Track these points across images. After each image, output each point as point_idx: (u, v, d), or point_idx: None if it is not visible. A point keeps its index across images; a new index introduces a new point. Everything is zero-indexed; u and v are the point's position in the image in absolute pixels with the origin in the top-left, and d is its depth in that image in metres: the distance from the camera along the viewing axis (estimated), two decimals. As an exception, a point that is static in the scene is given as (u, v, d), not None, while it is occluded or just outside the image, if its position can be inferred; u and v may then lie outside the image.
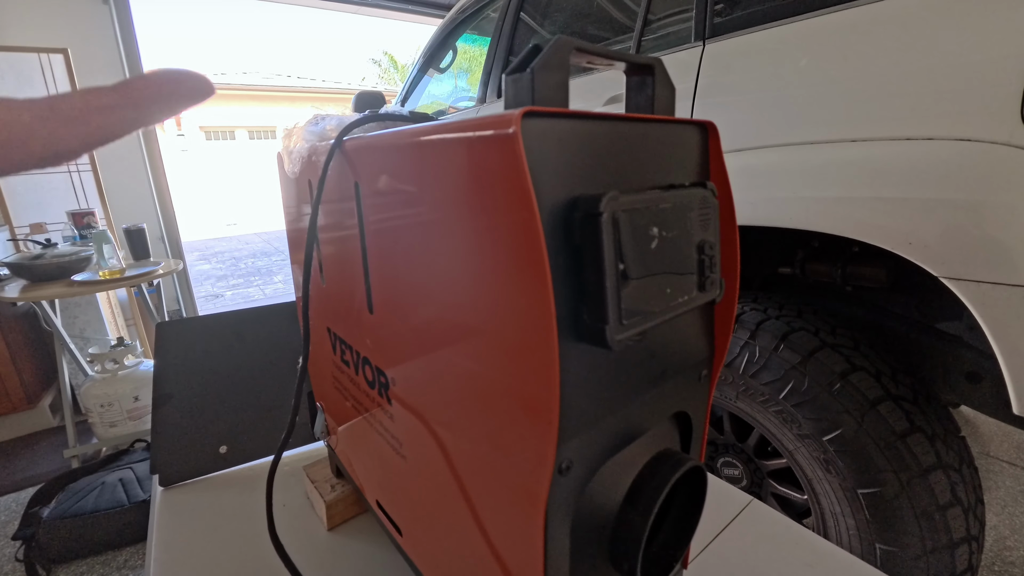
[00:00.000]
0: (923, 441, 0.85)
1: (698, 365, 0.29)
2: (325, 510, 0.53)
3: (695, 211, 0.23)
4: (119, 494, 1.50)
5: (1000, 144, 0.68)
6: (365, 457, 0.43)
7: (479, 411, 0.23)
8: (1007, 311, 0.69)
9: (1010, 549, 1.35)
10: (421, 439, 0.30)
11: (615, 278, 0.19)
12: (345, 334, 0.39)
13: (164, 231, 3.05)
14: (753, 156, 0.96)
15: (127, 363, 1.86)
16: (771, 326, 0.99)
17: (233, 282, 5.68)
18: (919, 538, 0.83)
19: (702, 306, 0.28)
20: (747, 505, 0.56)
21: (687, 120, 0.26)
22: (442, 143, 0.21)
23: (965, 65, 0.71)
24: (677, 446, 0.31)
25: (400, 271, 0.27)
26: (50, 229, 2.26)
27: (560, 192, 0.20)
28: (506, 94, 0.20)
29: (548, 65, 0.20)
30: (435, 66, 2.36)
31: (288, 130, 0.38)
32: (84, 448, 1.82)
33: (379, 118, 0.35)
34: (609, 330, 0.19)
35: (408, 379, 0.30)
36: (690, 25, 1.11)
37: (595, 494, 0.24)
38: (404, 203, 0.25)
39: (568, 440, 0.21)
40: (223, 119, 15.79)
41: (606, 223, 0.19)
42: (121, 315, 2.61)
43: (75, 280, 1.68)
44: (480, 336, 0.22)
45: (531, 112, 0.18)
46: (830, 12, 0.86)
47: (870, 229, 0.80)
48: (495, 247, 0.19)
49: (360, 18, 8.46)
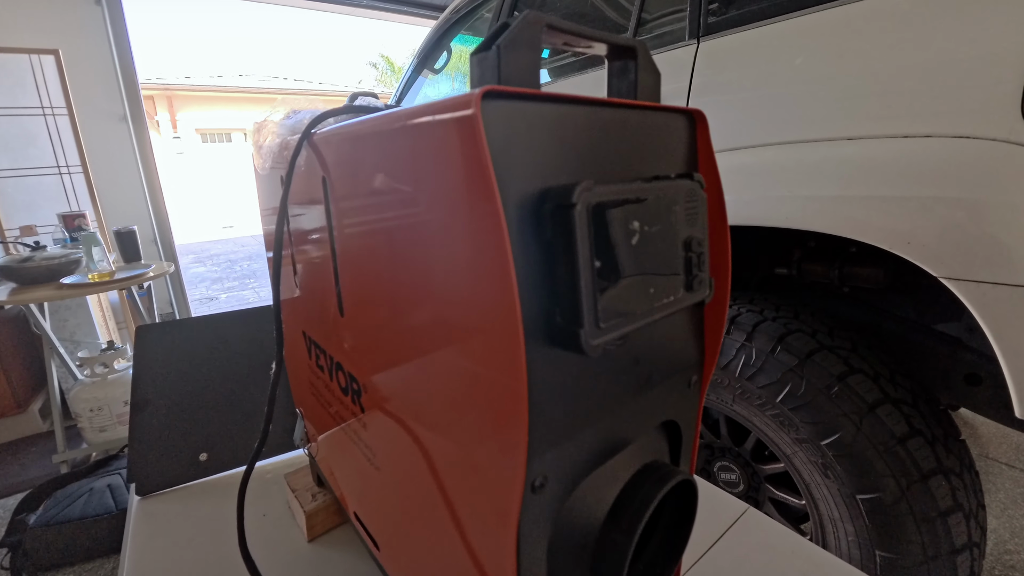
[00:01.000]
0: (923, 445, 0.83)
1: (687, 370, 0.27)
2: (305, 520, 0.51)
3: (681, 204, 0.22)
4: (107, 500, 1.47)
5: (1000, 141, 0.67)
6: (343, 466, 0.41)
7: (448, 422, 0.22)
8: (1008, 312, 0.67)
9: (1011, 553, 1.34)
10: (393, 449, 0.28)
11: (591, 277, 0.17)
12: (319, 338, 0.37)
13: (157, 233, 3.02)
14: (749, 155, 0.94)
15: (117, 367, 1.84)
16: (768, 328, 0.97)
17: (228, 285, 5.65)
18: (920, 545, 0.81)
19: (691, 307, 0.26)
20: (743, 513, 0.54)
21: (673, 107, 0.24)
22: (402, 129, 0.20)
23: (963, 61, 0.69)
24: (666, 457, 0.29)
25: (368, 270, 0.26)
26: (41, 231, 2.24)
27: (530, 182, 0.18)
28: (471, 76, 0.18)
29: (516, 43, 0.18)
30: (429, 67, 2.34)
31: (258, 124, 0.36)
32: (73, 453, 1.79)
33: (353, 109, 0.33)
34: (584, 334, 0.17)
35: (378, 385, 0.28)
36: (684, 24, 1.09)
37: (575, 511, 0.22)
38: (369, 197, 0.24)
39: (541, 454, 0.19)
40: (219, 121, 15.73)
41: (580, 215, 0.17)
42: (112, 318, 2.58)
43: (64, 283, 1.66)
44: (446, 341, 0.20)
45: (495, 92, 0.16)
46: (825, 8, 0.84)
47: (868, 229, 0.78)
48: (457, 241, 0.18)
49: (357, 20, 8.46)
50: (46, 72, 2.28)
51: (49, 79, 2.29)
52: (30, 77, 2.25)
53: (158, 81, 14.19)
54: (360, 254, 0.26)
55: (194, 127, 15.50)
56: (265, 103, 1.37)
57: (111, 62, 2.80)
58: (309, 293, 0.37)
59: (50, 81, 2.29)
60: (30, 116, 2.27)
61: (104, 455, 1.76)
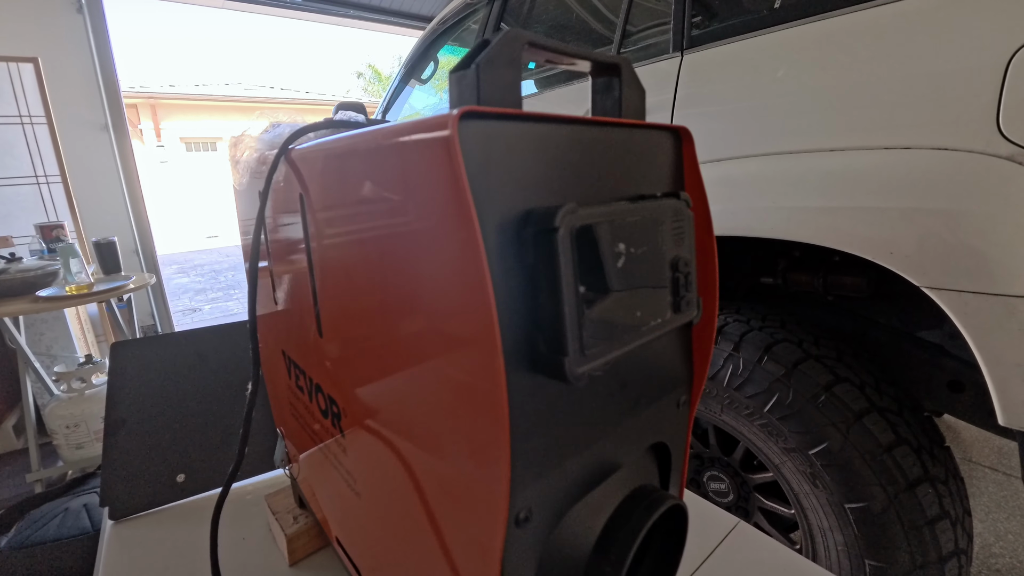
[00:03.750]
0: (909, 453, 0.83)
1: (676, 391, 0.27)
2: (287, 544, 0.49)
3: (667, 224, 0.21)
4: (83, 521, 1.42)
5: (977, 153, 0.68)
6: (324, 490, 0.39)
7: (428, 452, 0.21)
8: (989, 321, 0.68)
9: (996, 556, 1.35)
10: (373, 476, 0.27)
11: (574, 303, 0.17)
12: (298, 358, 0.36)
13: (139, 244, 2.96)
14: (733, 166, 0.95)
15: (95, 381, 1.79)
16: (754, 337, 0.98)
17: (212, 295, 5.56)
18: (908, 553, 0.81)
19: (679, 327, 0.26)
20: (733, 528, 0.54)
21: (658, 125, 0.23)
22: (379, 149, 0.19)
23: (941, 75, 0.71)
24: (655, 479, 0.28)
25: (346, 292, 0.25)
26: (17, 243, 2.18)
27: (511, 204, 0.17)
28: (450, 94, 0.18)
29: (496, 61, 0.17)
30: (417, 77, 2.34)
31: (235, 138, 0.35)
32: (48, 472, 1.74)
33: (332, 124, 0.32)
34: (568, 362, 0.17)
35: (358, 410, 0.27)
36: (668, 36, 1.10)
37: (562, 542, 0.22)
38: (346, 216, 0.23)
39: (525, 486, 0.19)
40: (204, 130, 15.56)
41: (563, 239, 0.16)
42: (91, 331, 2.52)
43: (40, 296, 1.61)
44: (424, 368, 0.19)
45: (473, 112, 0.16)
46: (806, 23, 0.86)
47: (852, 239, 0.79)
48: (434, 266, 0.17)
49: (344, 30, 8.47)
50: (24, 80, 2.24)
51: (28, 87, 2.24)
52: (8, 85, 2.20)
53: (142, 89, 14.02)
54: (337, 275, 0.25)
55: (178, 136, 15.32)
56: (250, 112, 1.35)
57: (93, 70, 2.76)
58: (287, 312, 0.36)
59: (29, 89, 2.24)
60: (7, 125, 2.22)
61: (80, 473, 1.70)
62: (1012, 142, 0.65)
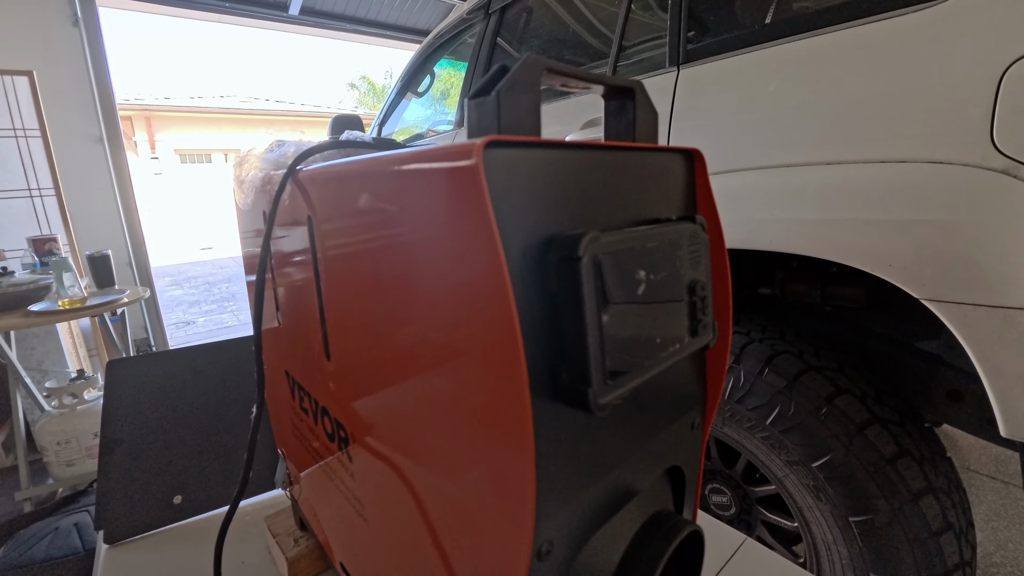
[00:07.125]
0: (912, 465, 0.83)
1: (690, 414, 0.26)
2: (287, 567, 0.48)
3: (684, 248, 0.21)
4: (74, 540, 1.39)
5: (972, 166, 0.69)
6: (328, 514, 0.39)
7: (445, 481, 0.20)
8: (989, 333, 0.68)
9: (997, 565, 1.34)
10: (384, 505, 0.26)
11: (598, 332, 0.16)
12: (303, 380, 0.35)
13: (132, 257, 2.94)
14: (731, 179, 0.96)
15: (87, 397, 1.76)
16: (755, 349, 0.98)
17: (206, 308, 5.52)
18: (913, 566, 0.80)
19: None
20: (741, 545, 0.53)
21: (671, 148, 0.23)
22: (398, 174, 0.19)
23: (936, 89, 0.72)
24: (669, 503, 0.28)
25: (358, 318, 0.24)
26: (9, 256, 2.16)
27: (532, 230, 0.17)
28: (469, 120, 0.18)
29: (516, 87, 0.17)
30: (413, 90, 2.35)
31: (240, 157, 0.35)
32: (38, 490, 1.70)
33: (339, 145, 0.32)
34: (593, 393, 0.16)
35: (369, 436, 0.26)
36: (664, 51, 1.12)
37: (581, 574, 0.21)
38: (360, 243, 0.22)
39: (548, 518, 0.18)
40: (199, 142, 15.55)
41: (586, 268, 0.16)
42: (83, 345, 2.49)
43: (32, 310, 1.59)
44: (445, 395, 0.19)
45: (497, 141, 0.15)
46: (801, 39, 0.87)
47: (851, 251, 0.80)
48: (455, 295, 0.17)
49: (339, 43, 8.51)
50: (19, 93, 2.23)
51: (22, 100, 2.23)
52: (2, 99, 2.19)
53: (137, 102, 14.02)
54: (350, 299, 0.25)
55: (173, 148, 15.30)
56: (246, 124, 1.32)
57: (88, 83, 2.76)
58: (292, 333, 0.35)
59: (23, 102, 2.24)
60: (1, 138, 2.21)
61: (71, 491, 1.67)
62: (1006, 155, 0.66)
